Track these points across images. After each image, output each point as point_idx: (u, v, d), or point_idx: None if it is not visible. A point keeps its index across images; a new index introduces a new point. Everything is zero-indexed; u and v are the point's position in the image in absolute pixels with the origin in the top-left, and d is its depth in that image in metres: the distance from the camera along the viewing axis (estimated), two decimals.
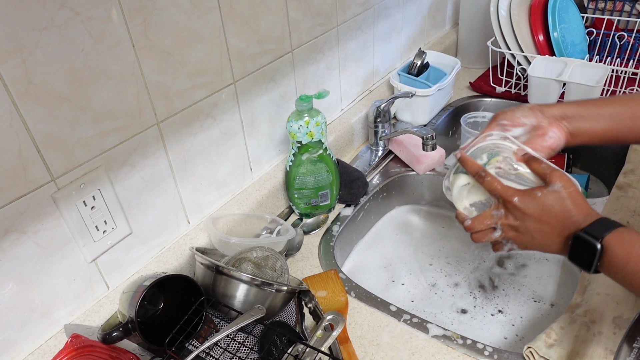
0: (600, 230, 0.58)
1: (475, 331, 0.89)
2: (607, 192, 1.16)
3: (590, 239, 0.58)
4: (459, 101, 1.39)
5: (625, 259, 0.57)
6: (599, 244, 0.58)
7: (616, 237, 0.58)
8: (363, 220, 1.08)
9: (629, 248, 0.57)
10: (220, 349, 0.65)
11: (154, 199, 0.78)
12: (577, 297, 0.77)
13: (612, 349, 0.67)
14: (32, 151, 0.60)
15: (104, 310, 0.74)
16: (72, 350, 0.63)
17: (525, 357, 0.70)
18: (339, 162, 1.05)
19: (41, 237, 0.65)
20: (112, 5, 0.63)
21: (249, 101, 0.91)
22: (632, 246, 0.56)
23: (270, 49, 0.91)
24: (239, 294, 0.69)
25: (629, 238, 0.57)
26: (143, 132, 0.73)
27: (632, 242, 0.57)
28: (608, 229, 0.58)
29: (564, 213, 0.62)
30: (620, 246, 0.57)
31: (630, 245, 0.57)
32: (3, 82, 0.56)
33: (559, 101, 0.71)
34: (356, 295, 0.83)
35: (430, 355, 0.73)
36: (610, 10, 1.53)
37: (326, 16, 1.03)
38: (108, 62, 0.65)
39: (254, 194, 0.96)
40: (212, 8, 0.77)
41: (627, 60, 1.35)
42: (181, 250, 0.83)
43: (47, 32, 0.58)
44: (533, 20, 1.26)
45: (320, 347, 0.68)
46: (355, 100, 1.24)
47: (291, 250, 0.92)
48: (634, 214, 0.89)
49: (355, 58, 1.18)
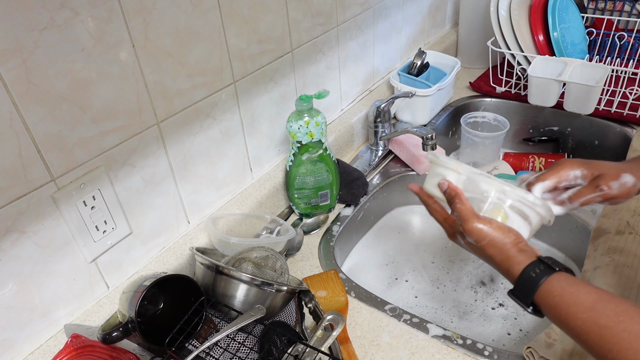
0: (526, 293, 0.56)
1: (478, 328, 0.89)
2: None
3: (521, 304, 0.57)
4: (459, 101, 1.39)
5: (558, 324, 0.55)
6: (529, 307, 0.57)
7: (542, 300, 0.55)
8: (363, 220, 1.08)
9: (556, 314, 0.54)
10: (220, 349, 0.65)
11: (154, 199, 0.78)
12: None
13: None
14: (32, 151, 0.60)
15: (104, 310, 0.74)
16: (72, 350, 0.63)
17: (525, 357, 0.70)
18: (339, 162, 1.05)
19: (41, 237, 0.65)
20: (112, 5, 0.63)
21: (249, 101, 0.91)
22: (559, 312, 0.53)
23: (270, 49, 0.91)
24: (239, 294, 0.69)
25: (553, 302, 0.54)
26: (143, 132, 0.73)
27: (557, 308, 0.54)
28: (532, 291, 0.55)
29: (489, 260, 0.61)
30: (548, 311, 0.55)
31: (556, 310, 0.54)
32: (3, 82, 0.56)
33: None
34: (356, 295, 0.83)
35: (430, 355, 0.73)
36: (610, 10, 1.53)
37: (326, 16, 1.03)
38: (108, 62, 0.65)
39: (254, 194, 0.96)
40: (212, 8, 0.77)
41: (627, 60, 1.35)
42: (181, 250, 0.83)
43: (47, 32, 0.58)
44: (533, 20, 1.26)
45: (320, 347, 0.68)
46: (355, 100, 1.24)
47: (291, 250, 0.92)
48: (634, 214, 0.89)
49: (355, 58, 1.18)
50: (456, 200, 0.62)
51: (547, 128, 1.32)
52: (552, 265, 0.56)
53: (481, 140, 1.16)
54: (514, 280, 0.58)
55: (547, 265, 0.56)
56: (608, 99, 1.23)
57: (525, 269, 0.56)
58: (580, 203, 0.65)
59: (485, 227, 0.59)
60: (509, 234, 0.59)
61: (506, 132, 1.17)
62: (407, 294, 0.97)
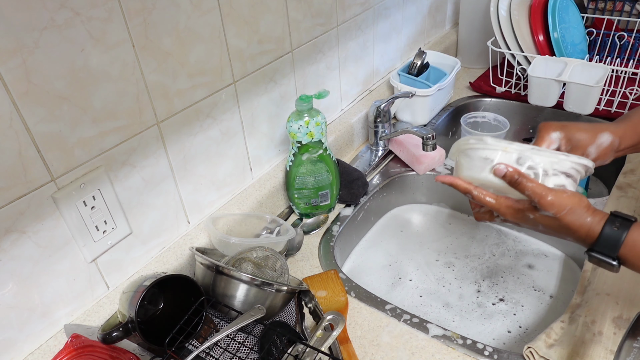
0: (612, 247, 0.58)
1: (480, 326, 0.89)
2: (607, 192, 1.16)
3: (605, 259, 0.58)
4: (459, 101, 1.39)
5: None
6: (615, 261, 0.58)
7: (629, 251, 0.57)
8: (363, 220, 1.08)
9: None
10: (220, 349, 0.65)
11: (154, 199, 0.78)
12: (577, 297, 0.77)
13: (612, 349, 0.68)
14: (32, 151, 0.60)
15: (104, 310, 0.74)
16: (72, 350, 0.63)
17: (525, 357, 0.70)
18: (339, 162, 1.05)
19: (41, 237, 0.65)
20: (112, 5, 0.63)
21: (249, 101, 0.91)
22: None
23: (270, 49, 0.91)
24: (239, 294, 0.69)
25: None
26: (143, 132, 0.73)
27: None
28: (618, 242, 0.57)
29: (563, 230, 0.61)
30: (637, 259, 0.57)
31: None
32: (3, 82, 0.56)
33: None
34: (356, 295, 0.83)
35: (430, 355, 0.73)
36: (610, 10, 1.53)
37: (326, 16, 1.03)
38: (108, 62, 0.65)
39: (254, 194, 0.96)
40: (212, 8, 0.77)
41: (627, 60, 1.35)
42: (181, 250, 0.83)
43: (47, 32, 0.58)
44: (533, 20, 1.26)
45: (320, 347, 0.68)
46: (355, 100, 1.24)
47: (291, 250, 0.92)
48: (634, 214, 0.89)
49: (355, 58, 1.18)
50: (524, 180, 0.62)
51: None
52: (628, 218, 0.58)
53: None
54: (593, 240, 0.59)
55: (624, 219, 0.58)
56: (608, 99, 1.23)
57: (605, 225, 0.58)
58: None
59: (562, 199, 0.60)
60: (581, 199, 0.61)
61: (506, 132, 1.17)
62: (411, 294, 0.97)
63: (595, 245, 0.59)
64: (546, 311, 0.91)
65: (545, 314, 0.91)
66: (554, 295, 0.94)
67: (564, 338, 0.70)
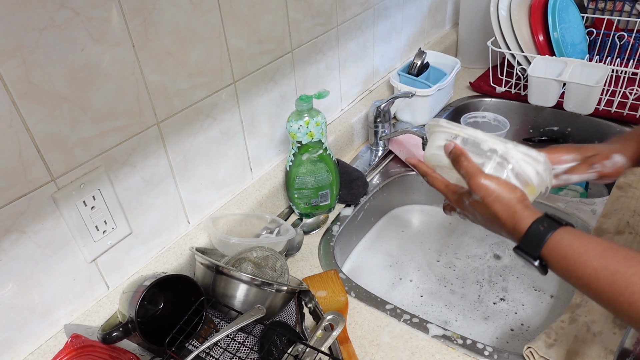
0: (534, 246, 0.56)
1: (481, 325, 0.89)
2: (607, 192, 1.16)
3: (527, 257, 0.57)
4: (459, 101, 1.39)
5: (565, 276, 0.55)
6: (536, 260, 0.57)
7: (550, 252, 0.56)
8: (363, 220, 1.08)
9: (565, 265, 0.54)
10: (220, 349, 0.65)
11: (154, 199, 0.78)
12: (577, 297, 0.77)
13: (612, 349, 0.67)
14: (32, 151, 0.60)
15: (104, 310, 0.74)
16: (72, 350, 0.63)
17: (525, 357, 0.70)
18: (339, 162, 1.05)
19: (41, 237, 0.65)
20: (112, 5, 0.63)
21: (249, 101, 0.91)
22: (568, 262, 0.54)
23: (270, 49, 0.91)
24: (239, 294, 0.69)
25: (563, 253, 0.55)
26: (143, 132, 0.73)
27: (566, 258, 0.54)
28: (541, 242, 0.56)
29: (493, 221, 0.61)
30: (556, 263, 0.55)
31: (565, 261, 0.54)
32: (3, 82, 0.56)
33: None
34: (356, 295, 0.83)
35: (430, 355, 0.73)
36: (610, 10, 1.53)
37: (326, 16, 1.03)
38: (108, 62, 0.65)
39: (254, 194, 0.96)
40: (212, 8, 0.77)
41: (627, 60, 1.35)
42: (181, 250, 0.83)
43: (47, 32, 0.58)
44: (533, 20, 1.26)
45: (320, 347, 0.68)
46: (355, 100, 1.24)
47: (291, 250, 0.92)
48: (634, 214, 0.89)
49: (355, 58, 1.18)
50: (462, 159, 0.62)
51: (547, 128, 1.32)
52: (559, 220, 0.57)
53: None
54: (520, 236, 0.58)
55: (554, 220, 0.57)
56: (608, 99, 1.23)
57: (533, 223, 0.57)
58: (576, 177, 0.69)
59: (492, 183, 0.59)
60: (515, 191, 0.60)
61: (506, 132, 1.17)
62: (411, 294, 0.97)
63: (521, 242, 0.58)
64: (546, 311, 0.91)
65: (546, 313, 0.91)
66: (554, 295, 0.94)
67: (564, 338, 0.70)
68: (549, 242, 0.56)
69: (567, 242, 0.55)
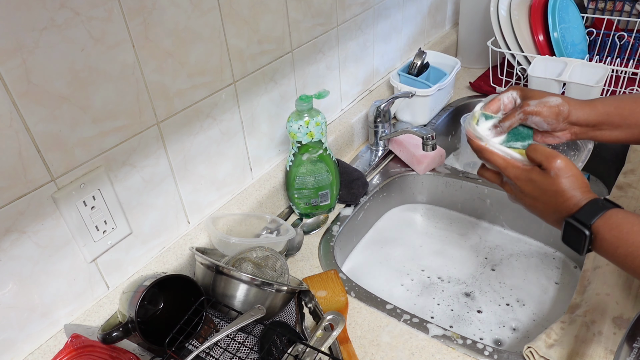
0: (589, 216, 0.59)
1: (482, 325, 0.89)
2: (607, 192, 1.16)
3: (579, 226, 0.59)
4: (459, 101, 1.39)
5: (614, 244, 0.57)
6: (588, 230, 0.58)
7: (605, 222, 0.58)
8: (363, 220, 1.08)
9: (617, 232, 0.57)
10: (220, 349, 0.65)
11: (154, 199, 0.78)
12: (577, 297, 0.77)
13: (612, 349, 0.67)
14: (32, 151, 0.60)
15: (104, 310, 0.74)
16: (72, 350, 0.63)
17: (525, 357, 0.70)
18: (339, 162, 1.05)
19: (41, 237, 0.65)
20: (112, 5, 0.63)
21: (249, 101, 0.91)
22: (620, 230, 0.57)
23: (270, 49, 0.91)
24: (239, 294, 0.69)
25: (617, 222, 0.57)
26: (143, 132, 0.73)
27: (620, 226, 0.57)
28: (597, 213, 0.58)
29: (557, 197, 0.62)
30: (609, 231, 0.57)
31: (618, 229, 0.57)
32: (3, 82, 0.56)
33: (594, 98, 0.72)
34: (356, 295, 0.83)
35: (430, 355, 0.73)
36: (610, 10, 1.53)
37: (326, 16, 1.03)
38: (108, 62, 0.65)
39: (254, 194, 0.96)
40: (212, 8, 0.77)
41: (627, 60, 1.35)
42: (181, 250, 0.83)
43: (47, 32, 0.58)
44: (533, 20, 1.26)
45: (320, 347, 0.68)
46: (355, 100, 1.24)
47: (291, 250, 0.92)
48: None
49: (355, 58, 1.18)
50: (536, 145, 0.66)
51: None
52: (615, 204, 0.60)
53: None
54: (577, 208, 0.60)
55: (612, 203, 0.60)
56: None
57: (592, 199, 0.60)
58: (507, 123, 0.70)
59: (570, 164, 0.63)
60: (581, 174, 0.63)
61: None
62: (411, 294, 0.97)
63: (576, 213, 0.60)
64: (546, 311, 0.91)
65: (546, 313, 0.91)
66: (554, 295, 0.94)
67: (564, 338, 0.70)
68: (606, 214, 0.58)
69: (622, 214, 0.58)
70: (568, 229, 0.60)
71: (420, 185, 1.16)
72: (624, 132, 0.70)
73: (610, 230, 0.57)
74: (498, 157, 0.68)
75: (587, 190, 0.61)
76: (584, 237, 0.58)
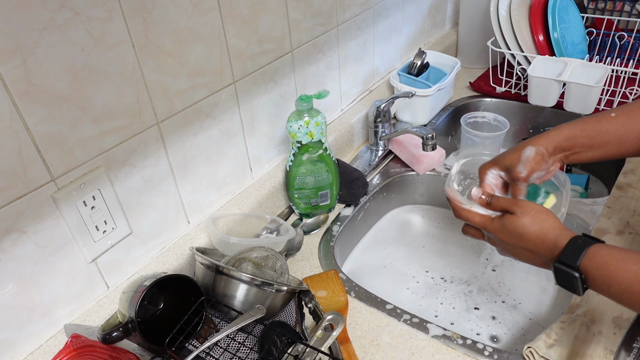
0: (573, 257, 0.59)
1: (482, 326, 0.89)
2: (607, 192, 1.16)
3: (567, 269, 0.59)
4: (459, 101, 1.39)
5: (606, 282, 0.57)
6: (576, 272, 0.58)
7: (589, 261, 0.58)
8: (363, 220, 1.08)
9: (605, 271, 0.57)
10: (220, 349, 0.65)
11: (154, 199, 0.78)
12: (576, 297, 0.77)
13: (612, 349, 0.68)
14: (32, 151, 0.60)
15: (104, 310, 0.74)
16: (72, 350, 0.63)
17: (525, 357, 0.70)
18: (339, 162, 1.05)
19: (41, 237, 0.65)
20: (112, 5, 0.63)
21: (249, 101, 0.91)
22: (607, 269, 0.57)
23: (270, 49, 0.91)
24: (239, 294, 0.69)
25: (602, 260, 0.57)
26: (143, 132, 0.73)
27: (606, 265, 0.57)
28: (580, 253, 0.59)
29: (533, 238, 0.64)
30: (596, 270, 0.57)
31: (605, 268, 0.57)
32: (3, 82, 0.56)
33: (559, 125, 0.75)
34: (356, 295, 0.83)
35: (430, 355, 0.73)
36: (610, 10, 1.53)
37: (326, 16, 1.03)
38: (108, 62, 0.65)
39: (254, 194, 0.96)
40: (212, 8, 0.77)
41: (627, 60, 1.35)
42: (181, 250, 0.83)
43: (47, 32, 0.58)
44: (533, 20, 1.26)
45: (320, 347, 0.68)
46: (355, 100, 1.24)
47: (291, 250, 0.92)
48: (634, 214, 0.89)
49: (355, 58, 1.18)
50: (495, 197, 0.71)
51: (547, 128, 1.31)
52: (595, 238, 0.61)
53: (481, 141, 1.16)
54: (559, 251, 0.61)
55: (590, 237, 0.61)
56: (608, 99, 1.23)
57: (572, 238, 0.60)
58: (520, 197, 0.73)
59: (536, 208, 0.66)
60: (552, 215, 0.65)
61: (506, 132, 1.16)
62: (411, 294, 0.97)
63: (560, 257, 0.60)
64: (546, 311, 0.91)
65: (546, 314, 0.91)
66: (554, 296, 0.94)
67: (564, 338, 0.71)
68: (588, 252, 0.58)
69: (605, 251, 0.58)
70: (558, 273, 0.61)
71: (420, 185, 1.16)
72: (597, 152, 0.71)
73: (597, 269, 0.57)
74: (475, 215, 0.70)
75: (560, 227, 0.63)
76: (575, 279, 0.59)
